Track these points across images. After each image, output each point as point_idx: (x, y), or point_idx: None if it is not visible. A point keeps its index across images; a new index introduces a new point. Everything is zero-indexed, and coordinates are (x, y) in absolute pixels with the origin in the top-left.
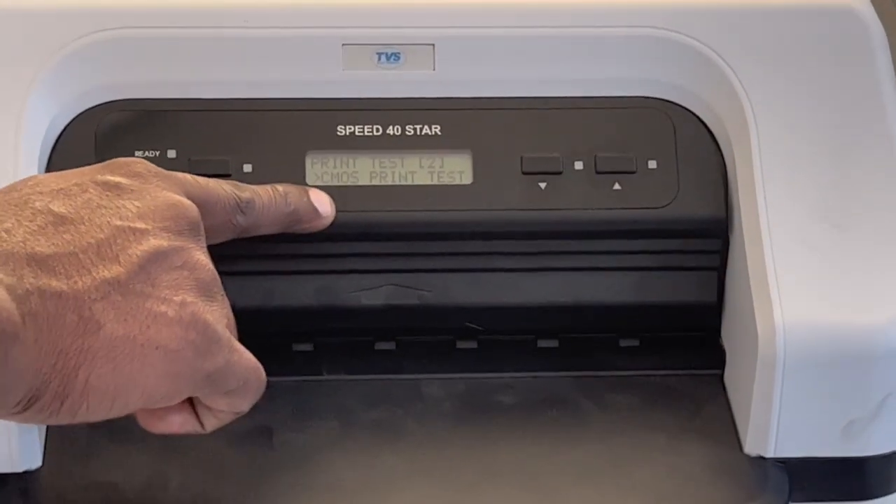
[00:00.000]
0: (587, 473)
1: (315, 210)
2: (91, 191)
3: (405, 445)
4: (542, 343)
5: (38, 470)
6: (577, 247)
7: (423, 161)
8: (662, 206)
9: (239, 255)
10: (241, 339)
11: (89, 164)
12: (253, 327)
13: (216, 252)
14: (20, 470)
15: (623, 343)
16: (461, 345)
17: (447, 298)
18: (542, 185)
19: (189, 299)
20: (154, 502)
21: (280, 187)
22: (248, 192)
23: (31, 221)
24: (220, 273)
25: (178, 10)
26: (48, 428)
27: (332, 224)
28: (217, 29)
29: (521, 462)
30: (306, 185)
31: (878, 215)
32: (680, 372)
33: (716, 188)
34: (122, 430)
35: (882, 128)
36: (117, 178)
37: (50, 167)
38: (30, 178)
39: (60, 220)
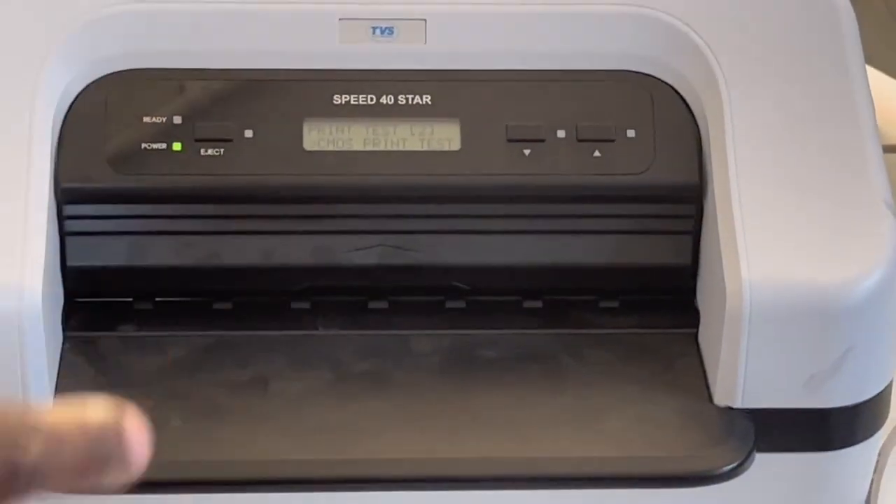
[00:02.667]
0: (563, 421)
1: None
2: None
3: (393, 394)
4: (527, 304)
5: None
6: (558, 210)
7: (414, 129)
8: (640, 173)
9: (239, 215)
10: (242, 297)
11: (100, 130)
12: (252, 284)
13: (221, 212)
14: None
15: (603, 305)
16: (450, 304)
17: (436, 258)
18: (527, 151)
19: None
20: (155, 444)
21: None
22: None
23: None
24: (223, 233)
25: None
26: (59, 371)
27: (329, 187)
28: (222, 4)
29: (501, 410)
30: (304, 151)
31: (841, 183)
32: (656, 331)
33: (690, 156)
34: (128, 376)
35: (848, 103)
36: None
37: (63, 132)
38: None
39: None
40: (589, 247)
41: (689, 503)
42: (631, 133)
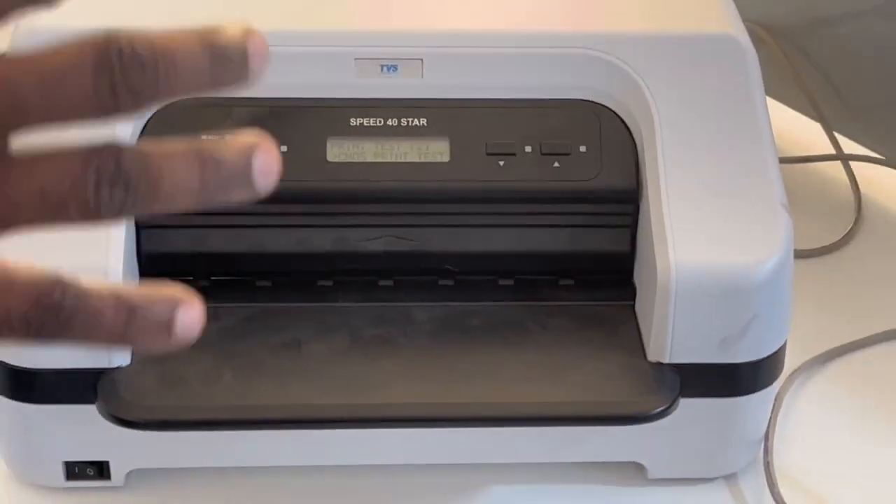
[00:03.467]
0: (532, 375)
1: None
2: None
3: (398, 353)
4: (502, 282)
5: (127, 366)
6: (526, 209)
7: (413, 145)
8: (589, 180)
9: (277, 213)
10: (279, 277)
11: None
12: (287, 267)
13: (263, 210)
14: (114, 366)
15: (562, 283)
16: (442, 282)
17: (431, 246)
18: (501, 163)
19: None
20: (211, 392)
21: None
22: None
23: None
24: (264, 227)
25: None
26: None
27: (347, 190)
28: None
29: (483, 367)
30: (327, 162)
31: (747, 187)
32: (603, 303)
33: (629, 166)
34: None
35: (752, 127)
36: None
37: None
38: None
39: None
40: (550, 237)
41: (628, 438)
42: (583, 148)
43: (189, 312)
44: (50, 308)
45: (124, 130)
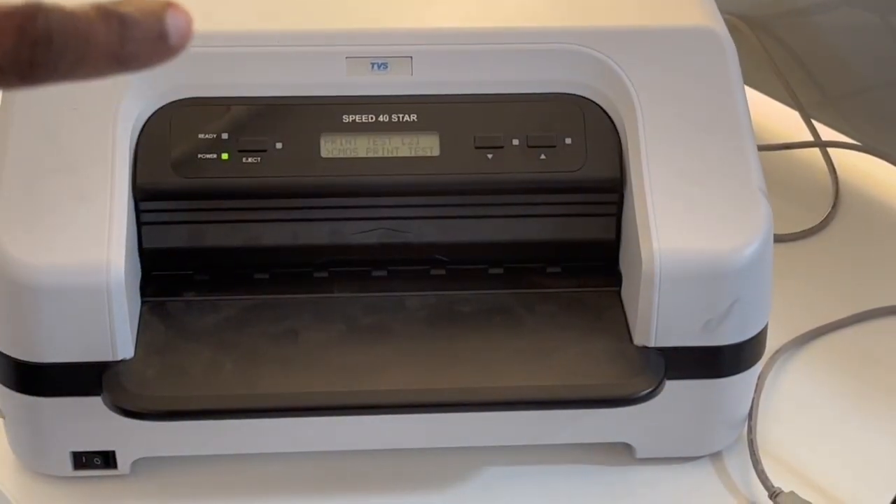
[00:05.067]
0: (521, 358)
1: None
2: None
3: (392, 341)
4: (492, 271)
5: (130, 359)
6: (514, 200)
7: (404, 139)
8: (575, 170)
9: (273, 207)
10: (276, 269)
11: (166, 144)
12: (284, 259)
13: (259, 205)
14: (118, 359)
15: (549, 270)
16: (434, 272)
17: (422, 237)
18: (490, 156)
19: None
20: (212, 382)
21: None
22: None
23: None
24: (261, 221)
25: (236, 33)
26: (139, 327)
27: (341, 185)
28: (259, 47)
29: (475, 353)
30: (321, 158)
31: (727, 175)
32: (589, 289)
33: (613, 157)
34: (191, 330)
35: (731, 117)
36: None
37: (139, 145)
38: None
39: None
40: (538, 227)
41: (616, 420)
42: (568, 140)
43: (178, 16)
44: (39, 38)
45: (125, 127)
